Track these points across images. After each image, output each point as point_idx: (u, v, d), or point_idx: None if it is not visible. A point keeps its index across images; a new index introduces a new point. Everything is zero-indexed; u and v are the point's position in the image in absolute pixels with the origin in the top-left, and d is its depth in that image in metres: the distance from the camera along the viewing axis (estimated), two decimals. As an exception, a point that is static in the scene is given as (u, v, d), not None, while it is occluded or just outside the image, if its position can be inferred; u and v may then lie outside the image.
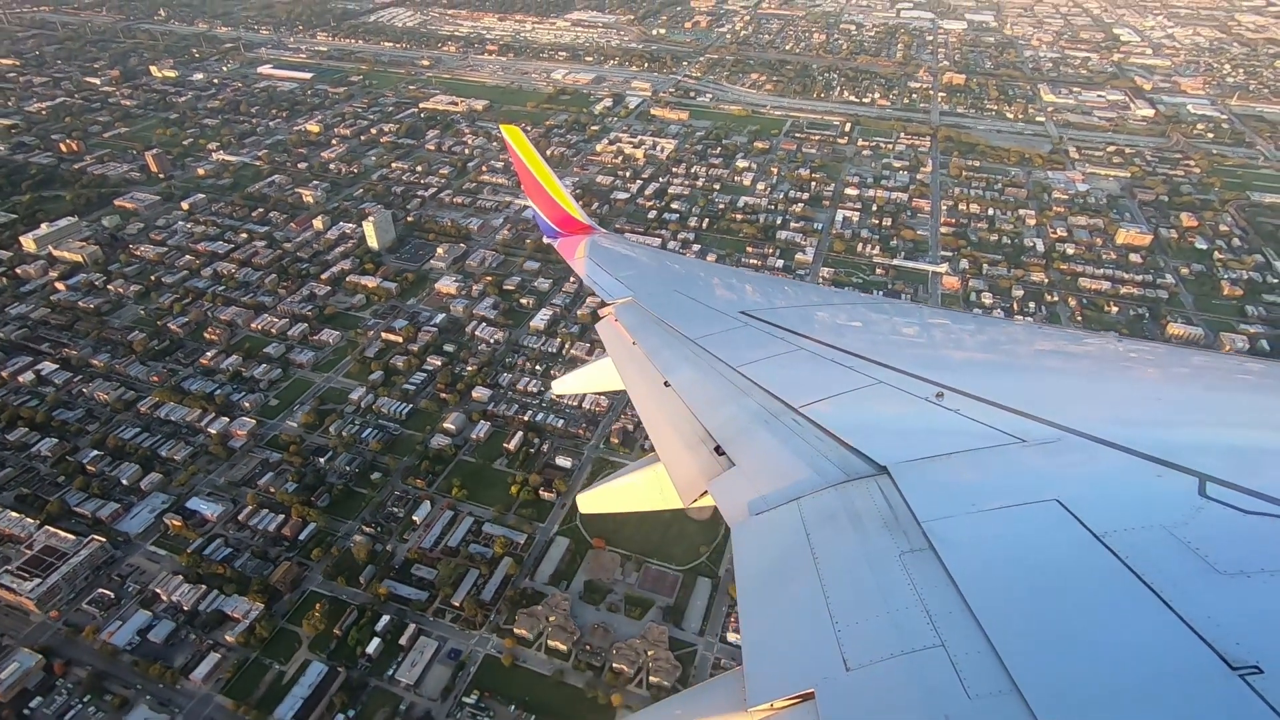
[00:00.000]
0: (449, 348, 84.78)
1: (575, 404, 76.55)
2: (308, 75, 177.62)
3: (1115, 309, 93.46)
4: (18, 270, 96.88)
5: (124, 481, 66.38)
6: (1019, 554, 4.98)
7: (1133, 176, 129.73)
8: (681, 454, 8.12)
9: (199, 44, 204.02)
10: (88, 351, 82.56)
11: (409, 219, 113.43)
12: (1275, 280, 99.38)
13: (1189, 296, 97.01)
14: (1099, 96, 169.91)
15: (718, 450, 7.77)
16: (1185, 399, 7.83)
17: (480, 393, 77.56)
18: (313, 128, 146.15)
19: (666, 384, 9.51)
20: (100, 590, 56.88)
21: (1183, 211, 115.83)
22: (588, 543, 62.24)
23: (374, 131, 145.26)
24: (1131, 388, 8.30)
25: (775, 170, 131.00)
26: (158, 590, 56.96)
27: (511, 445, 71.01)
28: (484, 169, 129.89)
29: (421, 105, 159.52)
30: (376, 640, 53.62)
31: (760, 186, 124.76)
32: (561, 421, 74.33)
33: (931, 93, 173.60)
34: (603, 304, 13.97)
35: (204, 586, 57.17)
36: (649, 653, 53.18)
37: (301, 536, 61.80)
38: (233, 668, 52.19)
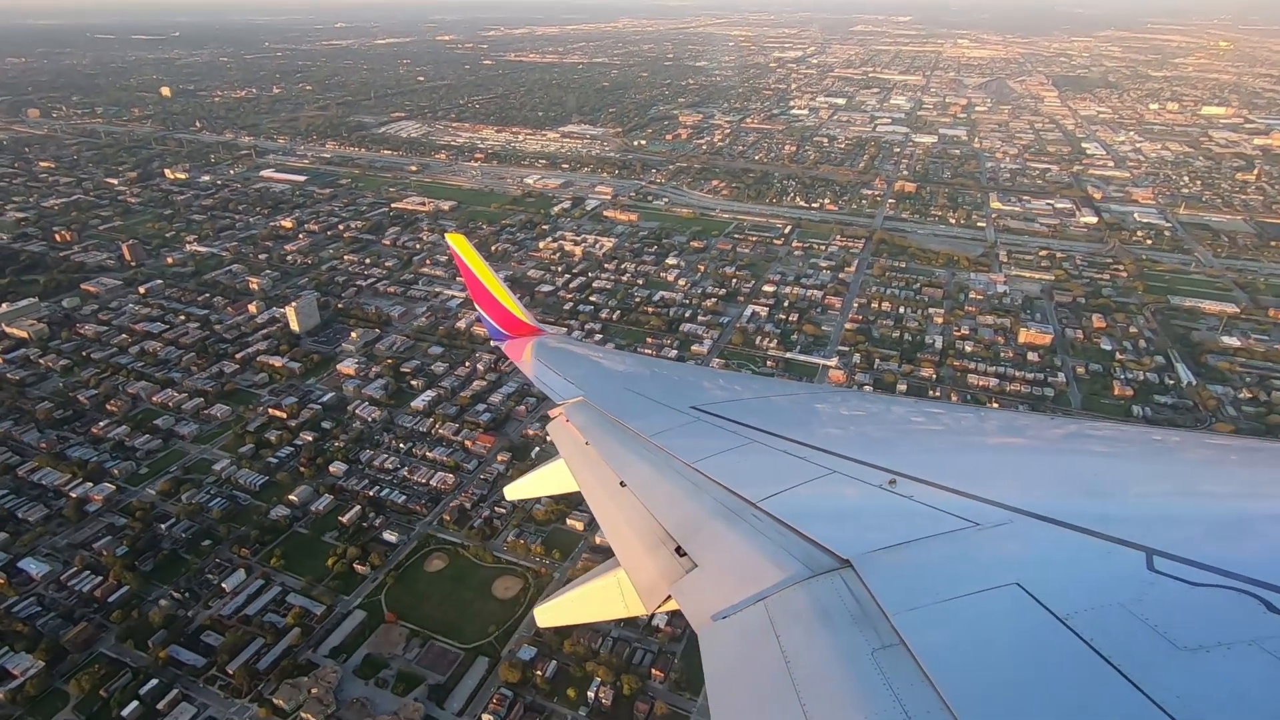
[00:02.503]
0: (326, 424, 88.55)
1: (424, 482, 78.63)
2: (302, 178, 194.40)
3: (997, 405, 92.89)
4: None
5: (-28, 539, 70.01)
6: (989, 643, 4.92)
7: (1056, 280, 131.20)
8: (642, 558, 7.95)
9: (219, 150, 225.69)
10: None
11: (339, 305, 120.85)
12: (1171, 382, 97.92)
13: (1078, 395, 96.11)
14: (1046, 205, 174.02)
15: (678, 551, 7.62)
16: (1126, 474, 7.95)
17: (337, 468, 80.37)
18: (286, 223, 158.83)
19: (622, 484, 9.38)
20: (-98, 641, 59.19)
21: (1095, 313, 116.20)
22: (382, 617, 62.68)
23: (340, 227, 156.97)
24: (1075, 466, 8.40)
25: (702, 268, 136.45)
26: (-47, 644, 59.05)
27: (346, 519, 72.91)
28: (428, 262, 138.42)
29: (393, 205, 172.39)
30: (135, 704, 54.24)
31: (681, 282, 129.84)
32: (404, 498, 76.26)
33: (880, 199, 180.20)
34: (525, 399, 16.14)
35: (3, 646, 59.09)
36: (395, 729, 52.58)
37: (111, 599, 63.72)
38: (-9, 724, 53.27)
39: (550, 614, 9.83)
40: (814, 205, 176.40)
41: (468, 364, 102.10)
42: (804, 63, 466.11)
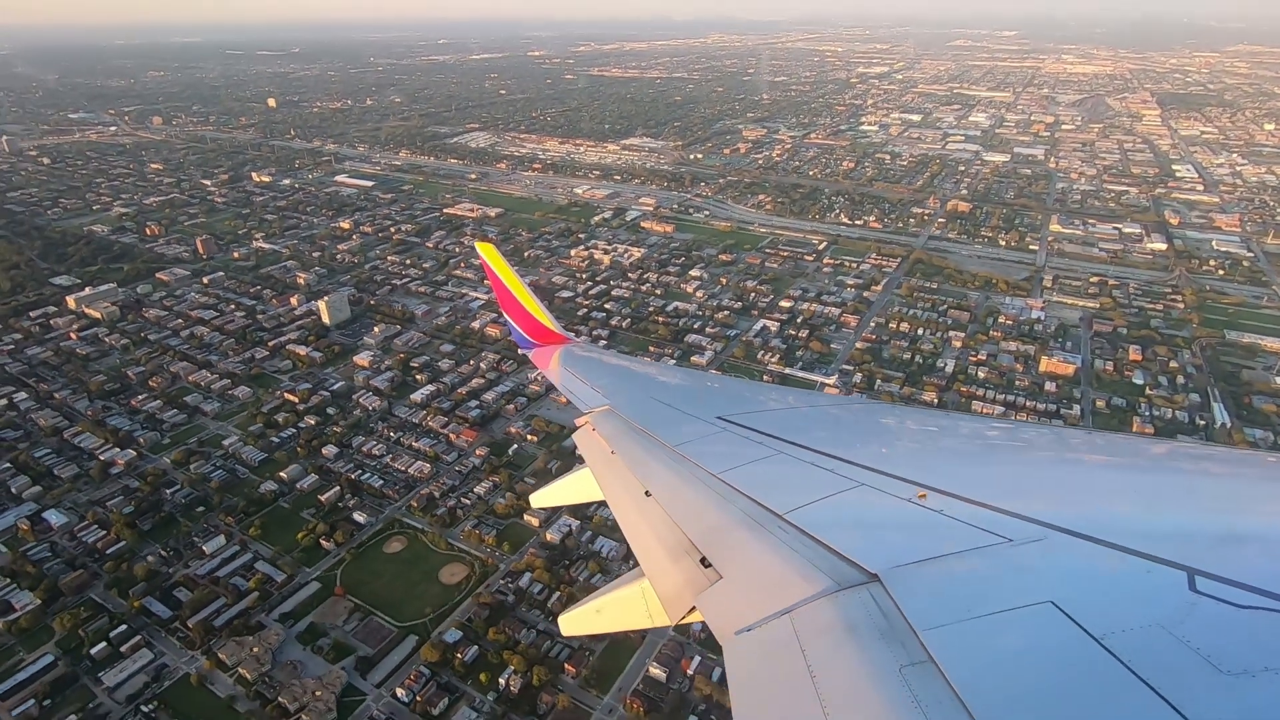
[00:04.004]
0: (331, 410, 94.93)
1: (403, 469, 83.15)
2: (370, 184, 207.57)
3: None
4: (52, 321, 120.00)
5: (13, 490, 79.77)
6: (1022, 662, 4.79)
7: (1101, 307, 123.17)
8: (666, 568, 7.98)
9: (303, 156, 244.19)
10: (57, 387, 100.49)
11: (371, 301, 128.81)
12: (1203, 422, 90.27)
13: (1089, 430, 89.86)
14: (1112, 229, 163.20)
15: (703, 562, 7.61)
16: (1167, 490, 7.72)
17: (329, 450, 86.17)
18: (345, 225, 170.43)
19: (647, 494, 9.41)
20: (-64, 571, 68.47)
21: (1134, 345, 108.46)
22: (333, 589, 66.99)
23: (392, 230, 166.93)
24: (1113, 481, 8.18)
25: (724, 281, 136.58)
26: (-26, 576, 67.77)
27: (325, 498, 78.19)
28: (461, 265, 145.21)
29: (444, 210, 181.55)
30: (104, 644, 60.57)
31: (699, 294, 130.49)
32: (381, 483, 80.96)
33: (929, 218, 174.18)
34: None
35: (10, 581, 67.29)
36: (316, 693, 56.29)
37: (109, 551, 71.15)
38: (-14, 648, 60.83)
39: (574, 622, 9.83)
40: (857, 222, 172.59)
41: (472, 362, 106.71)
42: (888, 78, 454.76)
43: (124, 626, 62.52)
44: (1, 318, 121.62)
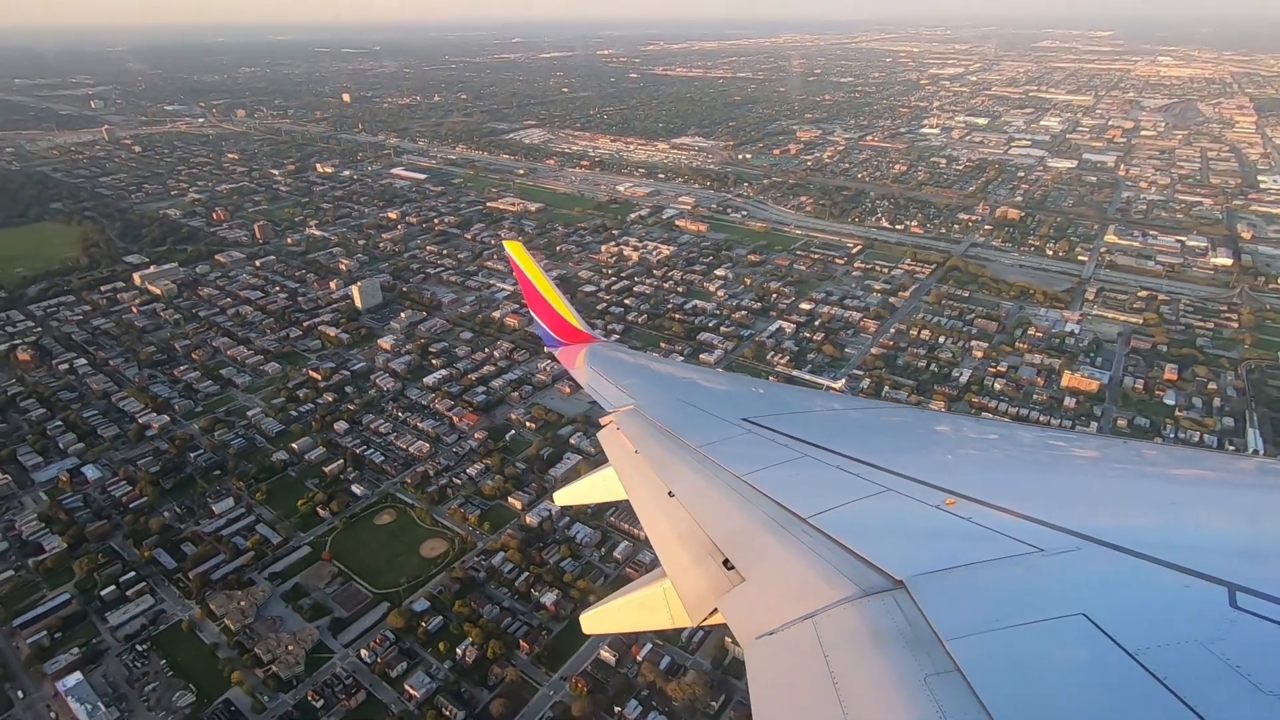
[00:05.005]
0: (349, 389, 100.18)
1: (405, 448, 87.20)
2: (423, 176, 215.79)
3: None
4: (118, 295, 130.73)
5: (60, 445, 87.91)
6: (1051, 674, 4.63)
7: (1145, 323, 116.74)
8: (689, 569, 7.97)
9: (366, 149, 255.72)
10: (113, 355, 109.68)
11: (404, 289, 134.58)
12: (1233, 447, 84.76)
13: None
14: (1175, 241, 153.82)
15: (726, 564, 7.59)
16: (1207, 503, 7.50)
17: (340, 426, 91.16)
18: (392, 215, 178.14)
19: (671, 494, 9.39)
20: (-15, 512, 76.50)
21: (1171, 363, 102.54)
22: (320, 555, 71.25)
23: (435, 221, 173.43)
24: (1150, 492, 7.97)
25: (748, 281, 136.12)
26: (15, 520, 75.30)
27: (329, 470, 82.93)
28: (494, 257, 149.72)
29: (487, 204, 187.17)
30: (113, 587, 66.48)
31: (720, 293, 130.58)
32: (382, 459, 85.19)
33: (974, 225, 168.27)
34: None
35: (44, 525, 74.48)
36: (289, 647, 60.31)
37: (132, 505, 77.71)
38: (15, 584, 67.64)
39: (595, 621, 9.87)
40: (898, 227, 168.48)
41: (487, 350, 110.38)
42: (961, 80, 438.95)
43: (133, 574, 68.36)
44: (76, 290, 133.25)
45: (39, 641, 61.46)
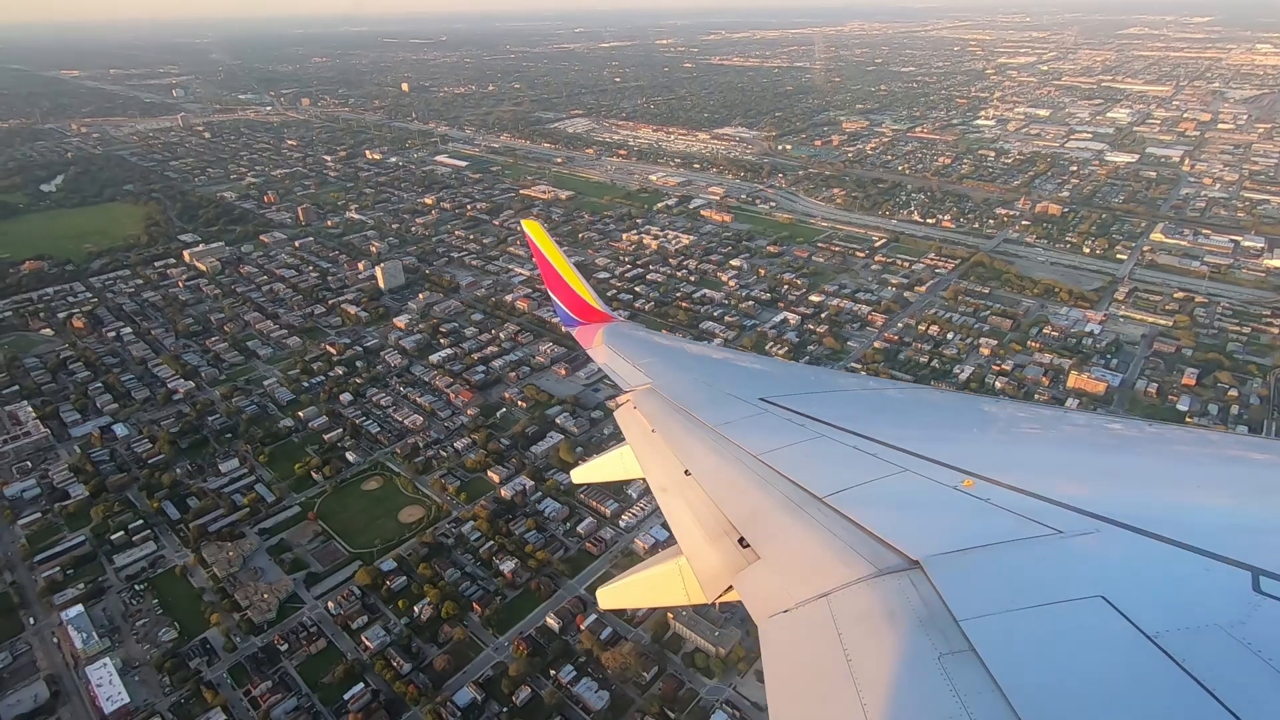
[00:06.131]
0: (360, 363, 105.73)
1: (401, 420, 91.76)
2: (464, 164, 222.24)
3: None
4: (168, 271, 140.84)
5: (98, 405, 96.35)
6: (1067, 656, 4.55)
7: (1175, 324, 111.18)
8: (704, 547, 8.00)
9: (415, 137, 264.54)
10: (155, 325, 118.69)
11: (427, 271, 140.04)
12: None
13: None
14: (1229, 241, 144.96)
15: (742, 542, 7.60)
16: (1230, 486, 7.31)
17: (345, 397, 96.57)
18: (428, 200, 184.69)
19: (687, 473, 9.42)
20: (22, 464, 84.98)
21: (1192, 368, 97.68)
22: (307, 515, 76.34)
23: (468, 207, 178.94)
24: (1171, 474, 7.81)
25: (762, 271, 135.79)
26: (49, 469, 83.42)
27: (328, 437, 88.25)
28: (517, 243, 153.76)
29: (521, 191, 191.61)
30: (121, 533, 73.16)
31: (732, 283, 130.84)
32: (378, 430, 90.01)
33: (1010, 219, 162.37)
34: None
35: (73, 475, 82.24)
36: (264, 595, 65.35)
37: (150, 461, 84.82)
38: (41, 525, 75.24)
39: (611, 596, 10.00)
40: (929, 221, 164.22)
41: (494, 331, 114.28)
42: (1030, 70, 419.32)
43: (141, 522, 74.95)
44: (133, 265, 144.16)
45: (53, 576, 68.38)
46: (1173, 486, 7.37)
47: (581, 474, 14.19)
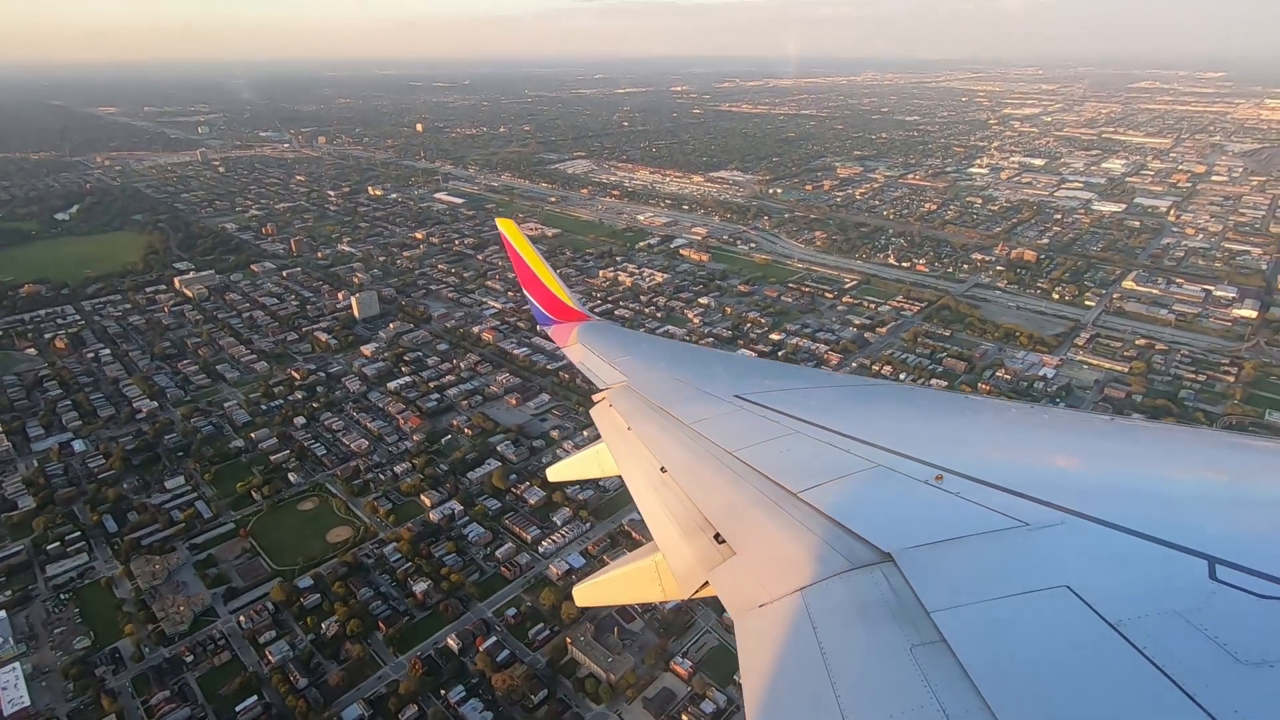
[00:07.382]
0: (319, 389, 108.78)
1: (347, 444, 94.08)
2: (461, 201, 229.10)
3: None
4: (157, 296, 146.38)
5: (63, 421, 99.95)
6: (1035, 645, 4.76)
7: (1130, 370, 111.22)
8: (680, 543, 8.12)
9: (418, 175, 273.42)
10: (133, 347, 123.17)
11: (403, 302, 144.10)
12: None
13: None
14: (1200, 291, 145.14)
15: (717, 538, 7.72)
16: (1188, 478, 7.63)
17: (299, 420, 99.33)
18: (418, 235, 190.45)
19: (663, 470, 9.50)
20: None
21: (1138, 415, 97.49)
22: (238, 532, 78.31)
23: (455, 242, 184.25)
24: (1132, 467, 7.97)
25: (728, 310, 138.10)
26: (3, 481, 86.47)
27: (274, 459, 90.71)
28: (496, 278, 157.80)
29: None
30: (58, 543, 75.50)
31: (695, 320, 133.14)
32: (324, 452, 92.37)
33: (984, 264, 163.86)
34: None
35: (25, 488, 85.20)
36: (180, 608, 67.02)
37: (100, 476, 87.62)
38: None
39: (588, 593, 10.11)
40: (904, 264, 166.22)
41: (456, 361, 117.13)
42: (1034, 120, 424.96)
43: (78, 534, 77.40)
44: (124, 291, 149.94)
45: (-16, 584, 70.73)
46: (1135, 480, 7.53)
47: (558, 472, 14.25)
